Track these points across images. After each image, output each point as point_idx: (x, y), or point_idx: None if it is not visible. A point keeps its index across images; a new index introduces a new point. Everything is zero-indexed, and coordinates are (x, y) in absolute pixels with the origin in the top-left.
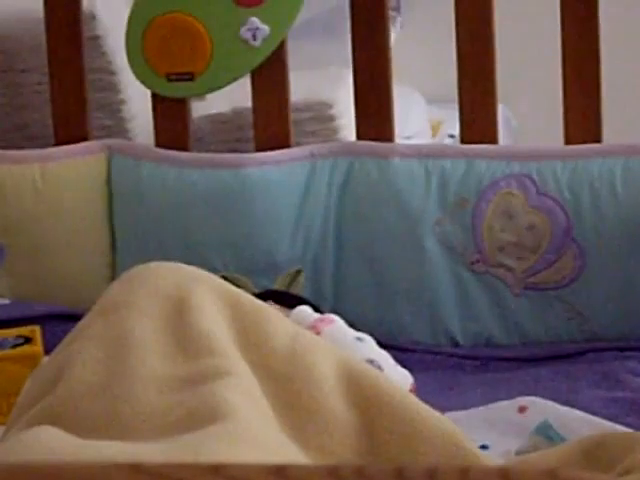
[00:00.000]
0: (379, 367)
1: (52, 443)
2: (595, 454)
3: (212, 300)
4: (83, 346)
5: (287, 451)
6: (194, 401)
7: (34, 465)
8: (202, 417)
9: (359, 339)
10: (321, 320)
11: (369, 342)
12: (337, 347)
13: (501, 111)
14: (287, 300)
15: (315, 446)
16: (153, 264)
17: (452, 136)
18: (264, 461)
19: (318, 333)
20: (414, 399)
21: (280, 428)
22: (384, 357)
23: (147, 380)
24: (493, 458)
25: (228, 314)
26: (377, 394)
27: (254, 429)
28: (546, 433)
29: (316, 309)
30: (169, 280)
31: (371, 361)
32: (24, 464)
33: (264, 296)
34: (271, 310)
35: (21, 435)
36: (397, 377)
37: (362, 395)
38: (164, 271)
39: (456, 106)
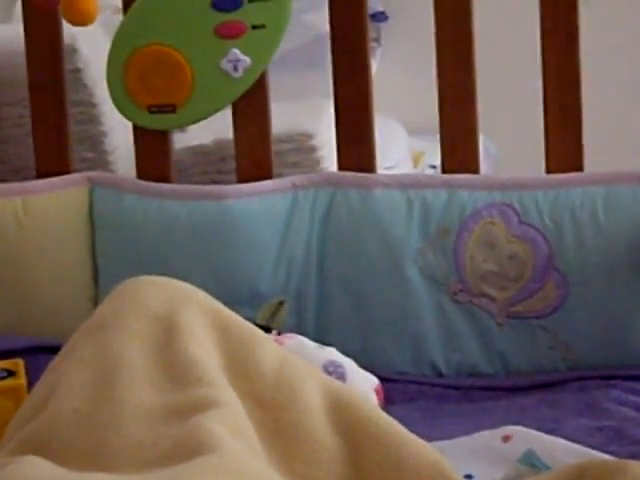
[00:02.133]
0: (342, 367)
1: (37, 475)
2: None
3: (201, 323)
4: (71, 368)
5: None
6: (181, 433)
7: None
8: (188, 449)
9: (321, 347)
10: (283, 336)
11: (332, 349)
12: (310, 362)
13: (481, 141)
14: None
15: (302, 475)
16: (144, 279)
17: (433, 167)
18: None
19: (281, 344)
20: (400, 427)
21: (267, 457)
22: (347, 361)
23: (135, 410)
24: None
25: (216, 338)
26: (363, 423)
27: (239, 462)
28: (530, 462)
29: None
30: (160, 299)
31: (333, 362)
32: None
33: None
34: (260, 334)
35: (5, 467)
36: (361, 380)
37: (348, 424)
38: (155, 288)
39: (437, 137)
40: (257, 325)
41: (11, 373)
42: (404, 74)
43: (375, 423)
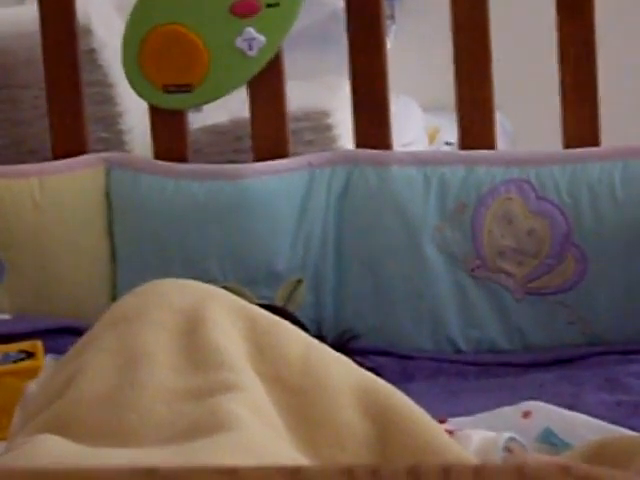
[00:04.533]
0: None
1: (56, 452)
2: (598, 459)
3: (226, 314)
4: (93, 357)
5: (294, 460)
6: (200, 412)
7: (46, 470)
8: (207, 427)
9: None
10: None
11: None
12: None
13: (497, 117)
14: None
15: (327, 458)
16: (167, 280)
17: (449, 143)
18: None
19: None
20: (428, 416)
21: (291, 441)
22: None
23: (155, 391)
24: None
25: (242, 327)
26: (394, 408)
27: (257, 440)
28: (549, 440)
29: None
30: (183, 295)
31: None
32: (36, 469)
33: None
34: (285, 323)
35: (25, 445)
36: None
37: (378, 407)
38: (178, 287)
39: (452, 113)
40: (289, 315)
41: (30, 354)
42: (418, 51)
43: (407, 409)
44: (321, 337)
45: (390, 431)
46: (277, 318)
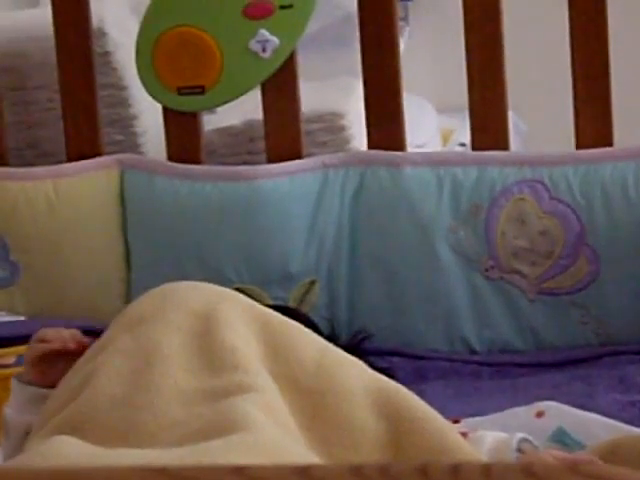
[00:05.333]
0: None
1: (70, 452)
2: (610, 458)
3: (240, 316)
4: (107, 358)
5: (307, 459)
6: (214, 413)
7: (58, 470)
8: (221, 428)
9: None
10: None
11: None
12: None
13: (511, 118)
14: (295, 320)
15: (339, 459)
16: (182, 283)
17: (463, 144)
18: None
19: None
20: (441, 417)
21: (304, 442)
22: None
23: (170, 393)
24: None
25: (256, 329)
26: (409, 409)
27: (273, 441)
28: (561, 439)
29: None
30: (197, 297)
31: None
32: (47, 469)
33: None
34: (298, 325)
35: (39, 446)
36: None
37: (392, 409)
38: (193, 289)
39: (466, 114)
40: (302, 316)
41: None
42: (431, 52)
43: (420, 410)
44: (334, 337)
45: (403, 432)
46: (291, 320)
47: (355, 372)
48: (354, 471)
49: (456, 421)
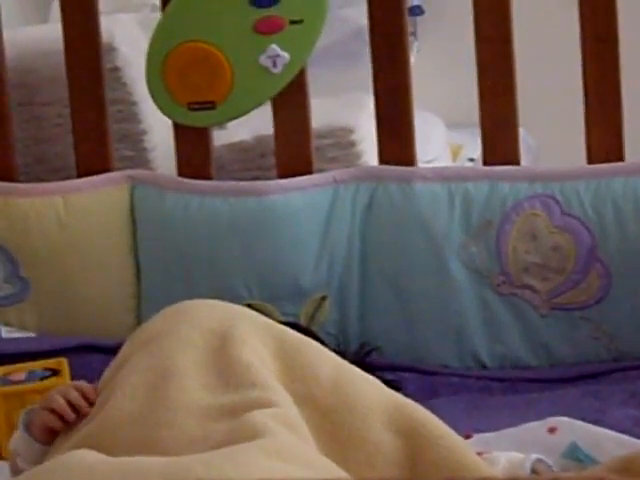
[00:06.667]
0: None
1: (91, 462)
2: (625, 474)
3: (256, 333)
4: (124, 377)
5: (329, 469)
6: (233, 427)
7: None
8: (241, 437)
9: None
10: None
11: None
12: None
13: (521, 134)
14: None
15: (356, 477)
16: (197, 301)
17: (472, 160)
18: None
19: None
20: (457, 435)
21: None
22: None
23: (188, 409)
24: None
25: (272, 346)
26: (425, 426)
27: (292, 447)
28: (575, 455)
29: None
30: (213, 315)
31: None
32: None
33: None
34: (313, 343)
35: (60, 457)
36: None
37: (408, 426)
38: (208, 307)
39: (475, 130)
40: (312, 335)
41: (55, 372)
42: (440, 68)
43: (436, 427)
44: (341, 353)
45: (420, 450)
46: (306, 338)
47: (371, 389)
48: None
49: (468, 436)
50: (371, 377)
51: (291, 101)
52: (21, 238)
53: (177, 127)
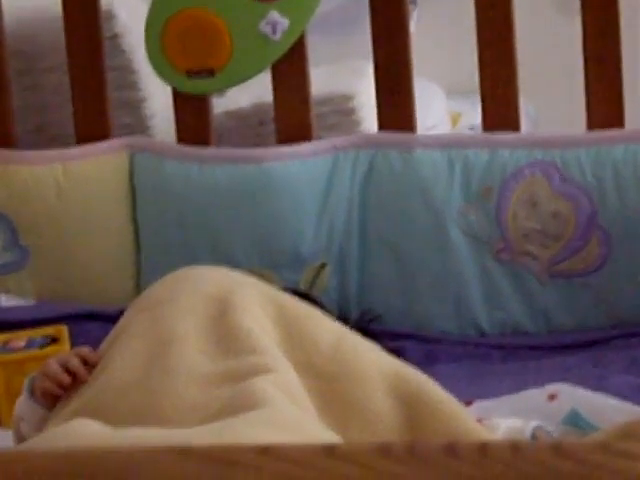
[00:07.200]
0: None
1: (88, 433)
2: (625, 440)
3: (256, 300)
4: (124, 343)
5: (328, 437)
6: (234, 393)
7: (79, 452)
8: (241, 406)
9: None
10: None
11: None
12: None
13: (520, 102)
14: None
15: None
16: (198, 268)
17: (472, 128)
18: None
19: None
20: (457, 402)
21: (322, 423)
22: None
23: (187, 376)
24: None
25: (273, 313)
26: (425, 393)
27: (292, 417)
28: (575, 422)
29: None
30: (213, 281)
31: None
32: (67, 451)
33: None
34: (315, 310)
35: (57, 428)
36: None
37: (408, 393)
38: (208, 273)
39: (475, 97)
40: (313, 300)
41: (55, 339)
42: (440, 35)
43: (436, 394)
44: (343, 320)
45: (420, 417)
46: (306, 305)
47: (372, 356)
48: (382, 450)
49: (468, 403)
50: (372, 344)
51: (290, 68)
52: (20, 206)
53: (176, 94)
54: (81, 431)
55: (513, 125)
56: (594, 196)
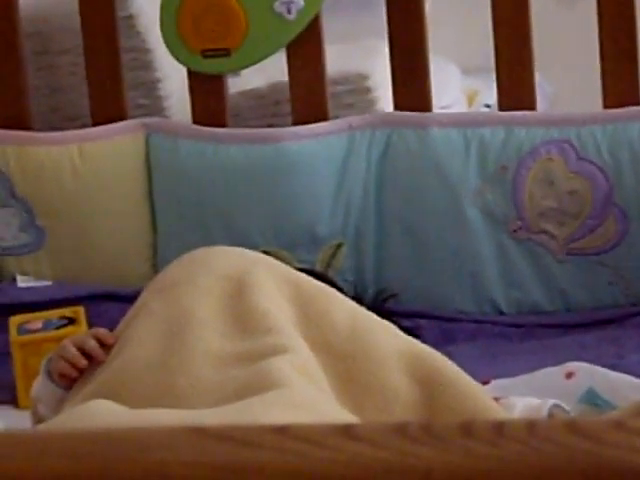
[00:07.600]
0: None
1: (105, 414)
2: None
3: (272, 280)
4: (141, 324)
5: (344, 417)
6: (249, 374)
7: (96, 433)
8: (258, 387)
9: None
10: None
11: None
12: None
13: (537, 80)
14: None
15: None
16: (214, 248)
17: (488, 106)
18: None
19: None
20: (473, 381)
21: (338, 403)
22: None
23: (204, 356)
24: None
25: (288, 293)
26: (442, 372)
27: (309, 398)
28: (592, 401)
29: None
30: (229, 261)
31: None
32: (85, 432)
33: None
34: (331, 290)
35: (74, 409)
36: None
37: (425, 372)
38: (224, 253)
39: (491, 75)
40: (329, 282)
41: (72, 320)
42: (456, 13)
43: (454, 373)
44: (358, 300)
45: (437, 395)
46: (322, 284)
47: (388, 336)
48: (398, 429)
49: (486, 382)
50: (388, 323)
51: (306, 48)
52: (36, 187)
53: (192, 74)
54: (98, 412)
55: (529, 104)
56: (610, 174)
